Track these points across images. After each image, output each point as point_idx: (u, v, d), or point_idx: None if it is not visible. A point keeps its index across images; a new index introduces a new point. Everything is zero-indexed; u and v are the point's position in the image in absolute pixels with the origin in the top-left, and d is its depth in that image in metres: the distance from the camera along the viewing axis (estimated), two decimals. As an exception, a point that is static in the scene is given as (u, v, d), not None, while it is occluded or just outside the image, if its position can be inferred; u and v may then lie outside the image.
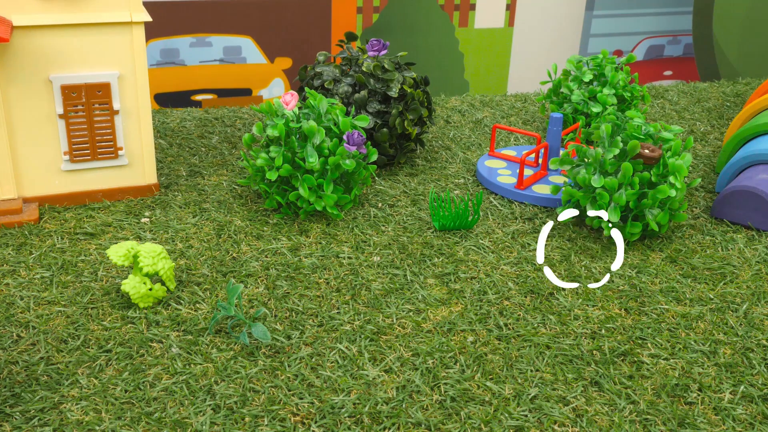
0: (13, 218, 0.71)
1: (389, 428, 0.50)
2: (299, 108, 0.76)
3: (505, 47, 1.32)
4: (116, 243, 0.68)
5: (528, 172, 0.85)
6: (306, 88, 0.76)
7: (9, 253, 0.67)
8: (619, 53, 1.40)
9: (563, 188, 0.74)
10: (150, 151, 0.77)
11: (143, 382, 0.53)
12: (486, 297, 0.64)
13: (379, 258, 0.68)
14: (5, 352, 0.55)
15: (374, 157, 0.75)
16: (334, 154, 0.72)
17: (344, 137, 0.72)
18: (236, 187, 0.81)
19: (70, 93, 0.71)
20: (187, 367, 0.54)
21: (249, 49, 1.18)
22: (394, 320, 0.60)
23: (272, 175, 0.71)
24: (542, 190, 0.81)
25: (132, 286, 0.60)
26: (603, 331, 0.60)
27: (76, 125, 0.73)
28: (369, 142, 0.76)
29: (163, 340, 0.57)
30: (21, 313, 0.59)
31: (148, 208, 0.75)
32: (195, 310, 0.60)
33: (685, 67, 1.46)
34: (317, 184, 0.73)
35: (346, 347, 0.57)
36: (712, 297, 0.65)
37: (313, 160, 0.71)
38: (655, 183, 0.71)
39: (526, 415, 0.51)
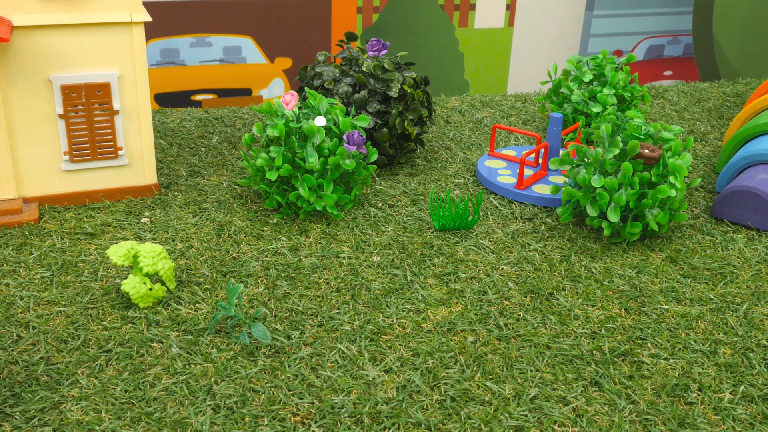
0: (13, 218, 0.71)
1: (389, 428, 0.50)
2: (299, 108, 0.76)
3: (505, 47, 1.32)
4: (116, 243, 0.68)
5: (528, 172, 0.85)
6: (306, 88, 0.76)
7: (9, 253, 0.67)
8: (619, 53, 1.40)
9: (563, 188, 0.74)
10: (150, 151, 0.77)
11: (143, 382, 0.53)
12: (486, 297, 0.64)
13: (379, 258, 0.68)
14: (5, 352, 0.55)
15: (374, 157, 0.75)
16: (334, 154, 0.72)
17: (344, 137, 0.72)
18: (236, 187, 0.81)
19: (70, 93, 0.71)
20: (187, 367, 0.54)
21: (249, 49, 1.18)
22: (394, 320, 0.60)
23: (272, 175, 0.71)
24: (542, 190, 0.81)
25: (132, 286, 0.60)
26: (603, 331, 0.60)
27: (76, 125, 0.73)
28: (369, 142, 0.76)
29: (163, 340, 0.57)
30: (21, 313, 0.59)
31: (148, 208, 0.75)
32: (195, 310, 0.60)
33: (685, 67, 1.46)
34: (317, 184, 0.73)
35: (346, 347, 0.57)
36: (712, 297, 0.65)
37: (313, 160, 0.71)
38: (655, 183, 0.71)
39: (526, 415, 0.51)
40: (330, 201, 0.72)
